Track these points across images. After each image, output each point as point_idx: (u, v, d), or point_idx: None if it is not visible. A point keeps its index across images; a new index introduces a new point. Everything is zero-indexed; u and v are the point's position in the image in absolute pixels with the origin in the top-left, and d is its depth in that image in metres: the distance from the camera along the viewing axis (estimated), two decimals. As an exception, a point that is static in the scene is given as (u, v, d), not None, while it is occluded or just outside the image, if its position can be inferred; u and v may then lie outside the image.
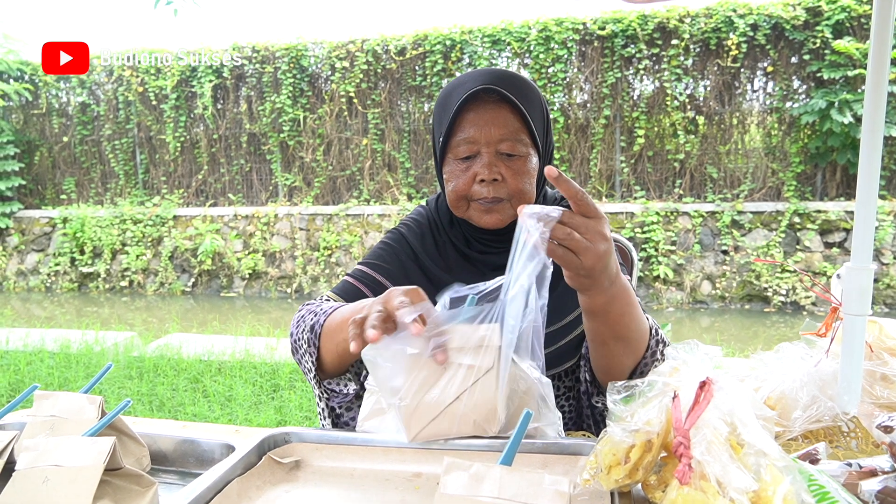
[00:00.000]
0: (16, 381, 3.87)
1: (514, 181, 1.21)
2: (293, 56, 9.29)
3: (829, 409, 1.02)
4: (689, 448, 0.69)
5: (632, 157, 8.43)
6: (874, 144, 0.99)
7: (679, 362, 0.79)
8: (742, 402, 0.71)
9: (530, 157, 1.24)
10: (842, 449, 1.02)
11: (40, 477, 0.83)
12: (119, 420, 1.01)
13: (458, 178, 1.24)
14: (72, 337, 4.83)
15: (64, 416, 1.01)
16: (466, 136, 1.21)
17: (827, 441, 1.04)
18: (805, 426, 1.01)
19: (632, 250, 1.80)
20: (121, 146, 10.23)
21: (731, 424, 0.71)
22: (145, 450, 1.05)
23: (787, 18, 7.58)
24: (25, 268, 10.06)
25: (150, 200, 10.09)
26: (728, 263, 7.78)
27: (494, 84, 1.20)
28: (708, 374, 0.73)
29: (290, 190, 9.70)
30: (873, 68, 1.02)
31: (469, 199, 1.24)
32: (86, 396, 1.02)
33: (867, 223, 1.01)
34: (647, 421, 0.76)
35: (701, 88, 8.20)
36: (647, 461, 0.78)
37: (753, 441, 0.69)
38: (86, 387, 1.05)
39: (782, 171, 7.99)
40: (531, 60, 8.52)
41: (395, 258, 1.35)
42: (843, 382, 1.02)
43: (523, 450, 1.00)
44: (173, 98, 9.77)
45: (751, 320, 7.44)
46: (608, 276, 0.98)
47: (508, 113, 1.21)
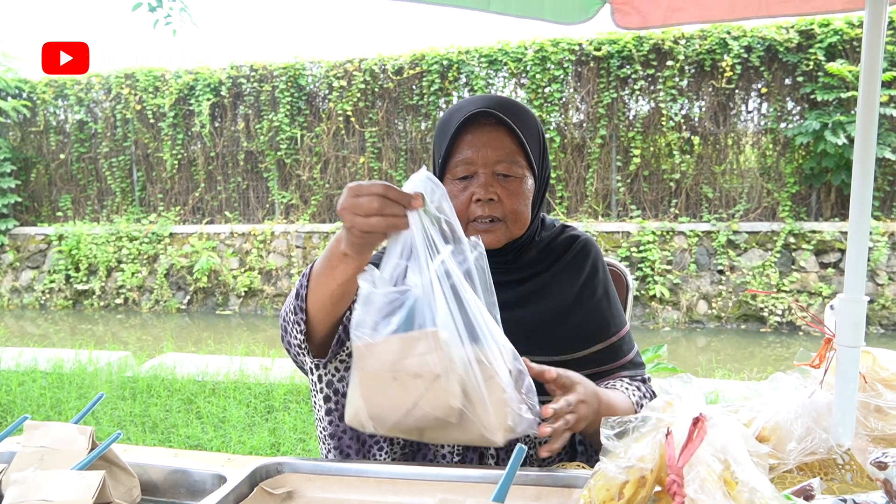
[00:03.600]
0: (7, 403, 3.83)
1: (510, 202, 1.25)
2: (291, 75, 9.34)
3: (824, 441, 1.02)
4: (682, 486, 0.68)
5: (628, 177, 8.47)
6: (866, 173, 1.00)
7: (673, 397, 0.79)
8: (735, 438, 0.71)
9: (526, 178, 1.27)
10: (837, 482, 1.02)
11: (28, 511, 0.82)
12: (109, 450, 1.00)
13: (455, 199, 1.26)
14: (65, 356, 4.79)
15: (54, 448, 1.00)
16: (464, 157, 1.25)
17: (822, 474, 1.04)
18: (800, 458, 1.00)
19: (626, 275, 1.80)
20: (118, 163, 10.24)
21: (724, 461, 0.71)
22: (136, 480, 1.04)
23: (780, 41, 7.66)
24: (20, 285, 10.01)
25: (147, 218, 10.08)
26: (724, 283, 7.79)
27: (492, 108, 1.24)
28: (701, 410, 0.73)
29: (286, 208, 9.71)
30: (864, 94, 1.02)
31: (467, 220, 1.27)
32: (77, 427, 1.01)
33: (860, 254, 1.02)
34: (640, 457, 0.75)
35: (696, 109, 8.25)
36: (641, 497, 0.77)
37: (747, 479, 0.68)
38: (77, 416, 1.05)
39: (777, 192, 8.03)
40: (528, 80, 8.58)
41: None
42: (838, 414, 1.01)
43: (517, 481, 1.00)
44: (171, 116, 9.80)
45: (747, 340, 7.44)
46: (595, 413, 1.09)
47: (505, 136, 1.25)
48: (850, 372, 1.00)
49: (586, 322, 1.32)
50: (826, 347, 1.06)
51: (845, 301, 1.00)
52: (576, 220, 8.50)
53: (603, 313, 1.34)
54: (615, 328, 1.34)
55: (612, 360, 1.32)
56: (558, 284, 1.34)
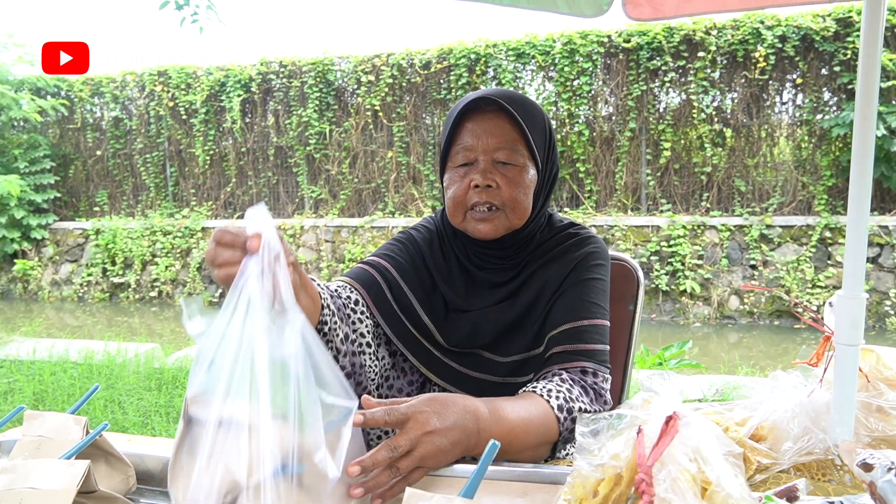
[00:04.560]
0: (40, 392, 3.95)
1: (509, 189, 1.23)
2: (320, 70, 9.41)
3: (822, 441, 0.99)
4: (651, 485, 0.67)
5: (658, 170, 8.34)
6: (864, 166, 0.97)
7: (651, 394, 0.77)
8: (708, 438, 0.69)
9: (527, 168, 1.26)
10: (834, 483, 0.99)
11: (16, 499, 0.84)
12: (104, 440, 1.02)
13: (455, 185, 1.26)
14: (95, 348, 4.92)
15: (50, 437, 1.02)
16: (464, 144, 1.25)
17: (820, 475, 1.01)
18: (795, 459, 0.98)
19: (637, 270, 1.75)
20: (152, 159, 10.45)
21: (697, 461, 0.69)
22: (131, 469, 1.06)
23: (816, 30, 7.45)
24: (59, 278, 10.30)
25: (180, 212, 10.27)
26: (757, 278, 7.63)
27: (495, 97, 1.23)
28: (675, 408, 0.71)
29: (315, 202, 9.80)
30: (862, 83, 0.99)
31: (466, 208, 1.26)
32: (72, 417, 1.03)
33: (858, 250, 0.98)
34: (613, 455, 0.74)
35: (728, 101, 8.09)
36: (617, 495, 0.76)
37: (719, 479, 0.67)
38: (72, 407, 1.07)
39: (813, 185, 7.83)
40: (556, 73, 8.51)
41: (406, 254, 1.39)
42: (836, 414, 0.98)
43: (504, 477, 0.99)
44: (203, 112, 9.95)
45: (780, 336, 7.27)
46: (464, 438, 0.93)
47: (506, 123, 1.24)
48: (849, 371, 0.97)
49: (561, 306, 1.26)
50: (825, 346, 1.03)
51: (844, 298, 0.97)
52: (605, 213, 8.41)
53: (580, 298, 1.25)
54: (587, 314, 1.24)
55: (573, 342, 1.21)
56: (545, 275, 1.30)
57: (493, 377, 1.31)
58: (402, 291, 1.35)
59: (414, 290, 1.35)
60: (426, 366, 1.34)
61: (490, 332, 1.30)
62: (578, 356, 1.20)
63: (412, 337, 1.34)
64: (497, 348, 1.31)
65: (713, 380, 3.91)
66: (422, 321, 1.34)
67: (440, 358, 1.34)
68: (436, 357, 1.34)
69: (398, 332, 1.33)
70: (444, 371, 1.33)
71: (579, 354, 1.20)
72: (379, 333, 1.34)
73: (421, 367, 1.34)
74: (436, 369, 1.34)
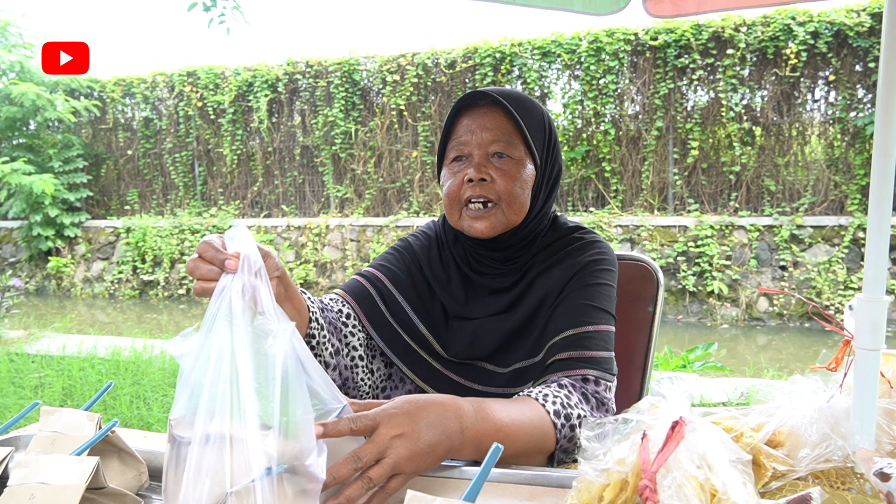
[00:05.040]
0: (69, 387, 4.04)
1: (504, 182, 1.20)
2: (345, 70, 9.46)
3: (841, 448, 0.96)
4: (655, 492, 0.65)
5: (685, 170, 8.23)
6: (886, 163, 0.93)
7: (658, 399, 0.76)
8: (715, 444, 0.67)
9: (523, 162, 1.23)
10: (854, 492, 0.96)
11: (27, 494, 0.86)
12: (117, 437, 1.04)
13: (450, 181, 1.25)
14: (122, 344, 5.01)
15: (65, 433, 1.04)
16: (460, 139, 1.25)
17: (839, 483, 0.98)
18: (813, 466, 0.95)
19: (657, 271, 1.71)
20: (181, 159, 10.61)
21: (703, 468, 0.67)
22: (143, 466, 1.07)
23: (850, 25, 7.28)
24: (91, 275, 10.51)
25: (208, 211, 10.41)
26: (786, 279, 7.48)
27: (489, 91, 1.22)
28: (682, 413, 0.70)
29: (341, 201, 9.86)
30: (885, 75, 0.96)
31: (461, 204, 1.23)
32: (86, 414, 1.05)
33: (880, 252, 0.95)
34: (619, 460, 0.73)
35: (758, 99, 7.94)
36: (622, 501, 0.75)
37: (724, 486, 0.65)
38: (86, 404, 1.08)
39: (845, 184, 7.65)
40: (582, 72, 8.44)
41: (402, 264, 1.37)
42: (856, 421, 0.95)
43: (511, 480, 0.98)
44: (230, 112, 10.08)
45: (811, 339, 7.12)
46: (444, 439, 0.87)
47: (501, 117, 1.23)
48: (870, 376, 0.94)
49: (562, 311, 1.21)
50: (844, 350, 1.00)
51: (864, 301, 0.94)
52: (631, 213, 8.32)
53: (583, 303, 1.21)
54: (591, 320, 1.19)
55: (576, 349, 1.16)
56: (547, 281, 1.26)
57: (493, 388, 1.27)
58: (396, 302, 1.32)
59: (410, 301, 1.32)
60: (422, 378, 1.30)
61: (491, 341, 1.27)
62: (581, 363, 1.15)
63: (409, 348, 1.31)
64: (497, 359, 1.27)
65: (738, 383, 3.84)
66: (419, 332, 1.31)
67: (438, 369, 1.30)
68: (433, 368, 1.30)
69: (393, 345, 1.30)
70: (442, 382, 1.30)
71: (582, 361, 1.15)
72: (372, 346, 1.32)
73: (416, 380, 1.30)
74: (432, 381, 1.30)
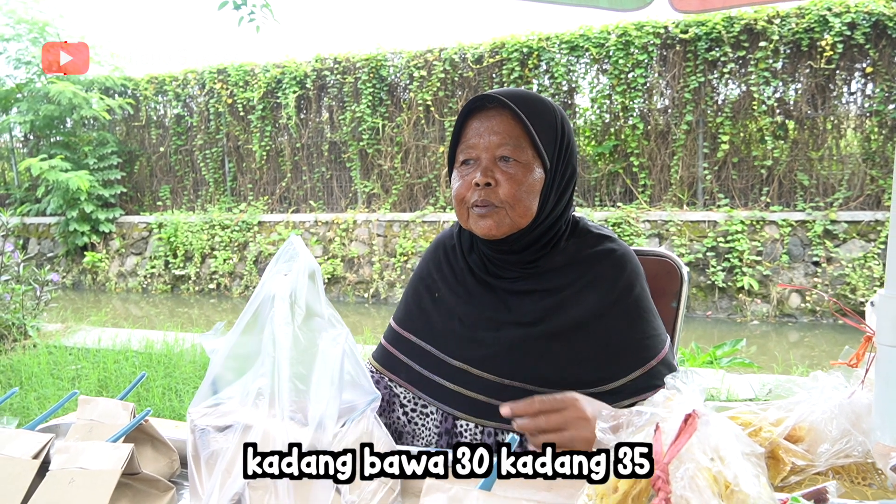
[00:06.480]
0: (104, 378, 4.15)
1: (509, 186, 1.20)
2: (373, 66, 9.51)
3: (861, 443, 0.96)
4: (667, 482, 0.67)
5: (715, 164, 8.12)
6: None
7: (673, 392, 0.77)
8: (727, 436, 0.68)
9: (531, 166, 1.22)
10: (875, 487, 0.96)
11: (67, 478, 0.90)
12: (150, 426, 1.08)
13: (458, 184, 1.26)
14: (155, 338, 5.13)
15: (101, 421, 1.08)
16: (468, 142, 1.25)
17: (860, 478, 0.98)
18: (832, 461, 0.95)
19: (681, 266, 1.69)
20: (211, 155, 10.77)
21: (715, 460, 0.69)
22: (175, 454, 1.11)
23: (889, 15, 7.11)
24: (125, 270, 10.74)
25: (237, 207, 10.56)
26: (819, 275, 7.35)
27: (498, 94, 1.22)
28: (695, 406, 0.71)
29: (368, 197, 9.92)
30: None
31: (467, 206, 1.24)
32: (121, 403, 1.09)
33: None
34: (633, 452, 0.74)
35: (791, 92, 7.80)
36: (637, 491, 0.76)
37: (735, 478, 0.66)
38: (121, 394, 1.13)
39: (883, 178, 7.48)
40: (610, 66, 8.37)
41: (417, 306, 1.39)
42: (878, 417, 0.95)
43: (530, 471, 1.00)
44: (260, 109, 10.20)
45: (845, 336, 6.99)
46: None
47: (510, 120, 1.22)
48: (891, 372, 0.94)
49: (619, 347, 1.21)
50: (866, 346, 1.00)
51: (886, 297, 0.94)
52: (659, 208, 8.24)
53: (642, 336, 1.23)
54: (655, 349, 1.23)
55: (651, 384, 1.19)
56: (580, 300, 1.24)
57: None
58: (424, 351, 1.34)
59: (439, 346, 1.32)
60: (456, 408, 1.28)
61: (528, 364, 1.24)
62: None
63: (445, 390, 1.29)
64: (537, 381, 1.24)
65: (766, 379, 3.80)
66: (452, 367, 1.30)
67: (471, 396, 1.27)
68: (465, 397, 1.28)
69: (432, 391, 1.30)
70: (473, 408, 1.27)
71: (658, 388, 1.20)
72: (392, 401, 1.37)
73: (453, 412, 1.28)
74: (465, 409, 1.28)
